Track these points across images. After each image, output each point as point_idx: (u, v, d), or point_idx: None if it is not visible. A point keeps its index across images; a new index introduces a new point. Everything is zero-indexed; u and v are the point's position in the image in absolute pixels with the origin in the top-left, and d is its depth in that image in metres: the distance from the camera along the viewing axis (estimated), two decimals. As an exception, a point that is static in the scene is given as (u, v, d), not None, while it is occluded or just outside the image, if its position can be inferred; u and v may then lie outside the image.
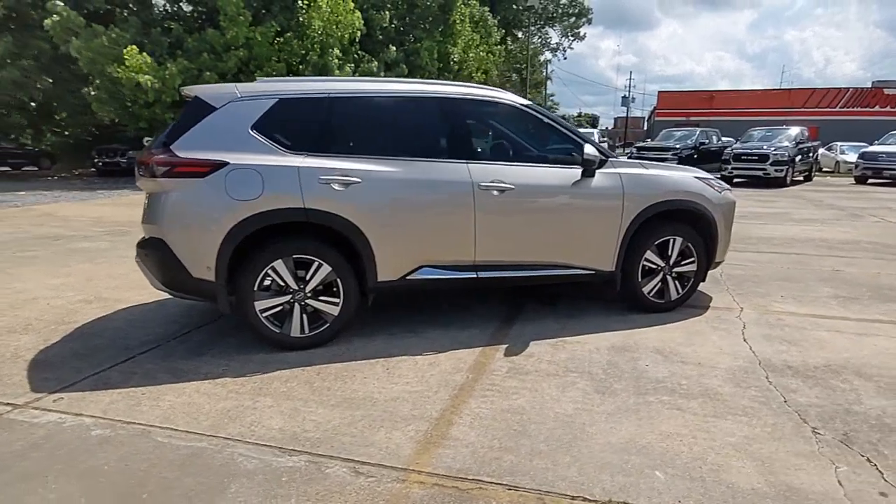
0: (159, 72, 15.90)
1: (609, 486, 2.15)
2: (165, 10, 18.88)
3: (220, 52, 17.22)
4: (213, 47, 17.24)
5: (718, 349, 3.52)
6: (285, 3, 18.06)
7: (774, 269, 5.71)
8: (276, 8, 18.25)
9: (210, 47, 17.21)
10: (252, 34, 16.68)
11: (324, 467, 2.31)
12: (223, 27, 17.20)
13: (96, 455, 2.40)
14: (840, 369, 3.21)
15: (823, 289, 4.92)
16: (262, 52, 16.99)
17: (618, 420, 2.66)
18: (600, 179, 3.90)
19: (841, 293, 4.79)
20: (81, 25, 17.05)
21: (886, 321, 4.06)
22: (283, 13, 18.05)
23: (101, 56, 16.55)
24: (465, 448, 2.44)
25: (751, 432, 2.54)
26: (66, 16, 16.87)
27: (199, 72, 16.94)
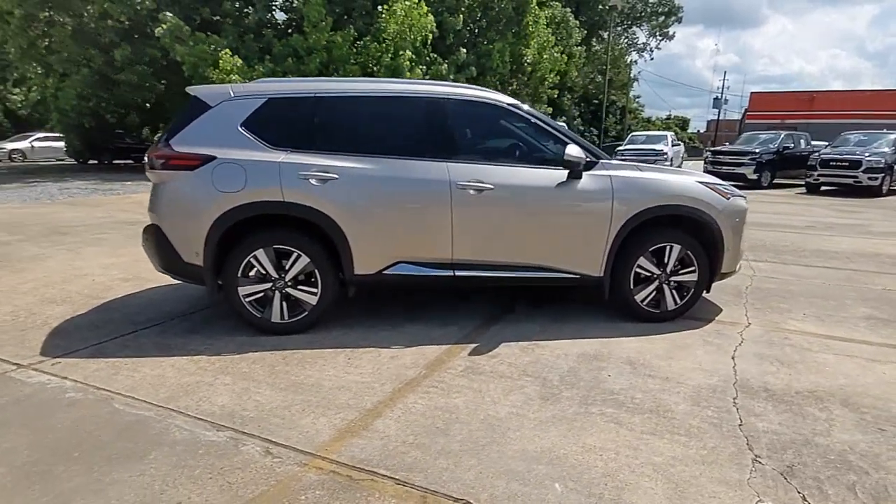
0: (247, 74, 16.92)
1: (498, 493, 2.07)
2: (259, 19, 20.03)
3: (303, 55, 18.06)
4: (296, 51, 18.12)
5: (697, 365, 3.25)
6: (365, 8, 18.66)
7: (815, 284, 5.16)
8: (357, 13, 18.91)
9: (294, 51, 18.11)
10: (332, 39, 17.34)
11: (241, 444, 2.39)
12: (306, 32, 18.04)
13: (57, 415, 2.63)
14: (826, 397, 2.86)
15: (859, 309, 4.39)
16: (341, 55, 17.61)
17: (546, 428, 2.54)
18: (588, 182, 3.72)
19: (878, 315, 4.25)
20: (187, 33, 18.54)
21: (916, 349, 3.57)
22: (362, 18, 18.67)
23: (201, 60, 17.89)
24: (379, 440, 2.43)
25: (682, 454, 2.33)
26: (174, 24, 18.40)
27: (283, 74, 17.84)
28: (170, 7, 20.04)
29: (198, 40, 18.20)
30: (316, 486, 2.12)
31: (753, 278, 5.31)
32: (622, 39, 40.45)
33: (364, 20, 18.75)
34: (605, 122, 43.07)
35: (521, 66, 20.91)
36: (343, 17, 19.28)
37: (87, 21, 21.07)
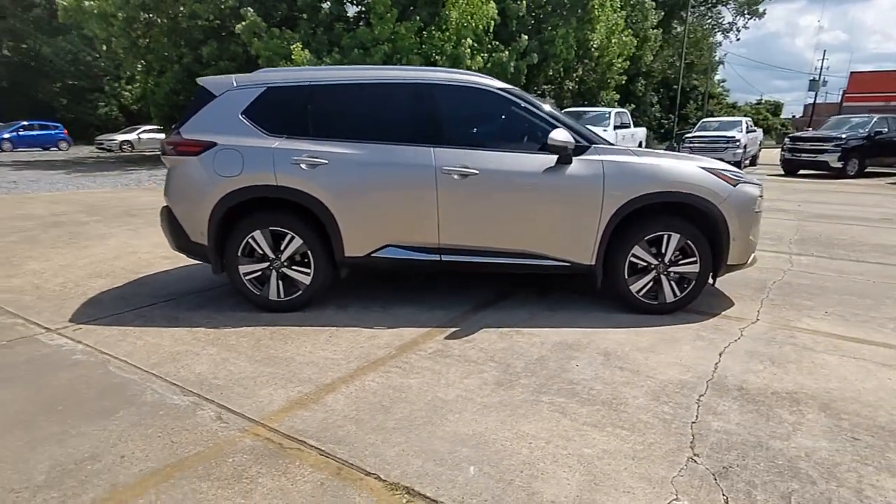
0: (316, 66, 17.50)
1: (410, 471, 2.08)
2: (331, 13, 20.60)
3: (369, 47, 18.42)
4: (363, 43, 18.51)
5: (677, 360, 3.07)
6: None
7: (856, 281, 4.68)
8: (421, 3, 18.99)
9: (361, 43, 18.51)
10: (396, 30, 17.55)
11: (199, 409, 2.55)
12: (373, 24, 18.38)
13: (58, 374, 2.92)
14: (806, 399, 2.62)
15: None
16: (405, 45, 17.80)
17: (486, 413, 2.51)
18: (578, 167, 3.58)
19: None
20: (263, 28, 19.45)
21: (945, 354, 3.17)
22: (426, 8, 18.73)
23: (276, 54, 18.71)
24: (322, 413, 2.51)
25: (616, 447, 2.24)
26: (252, 21, 19.35)
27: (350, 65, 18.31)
28: (251, 4, 21.09)
29: (273, 35, 19.05)
30: (246, 450, 2.23)
31: (787, 273, 4.90)
32: (706, 20, 37.92)
33: (428, 10, 18.81)
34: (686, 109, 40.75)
35: (587, 52, 20.18)
36: (409, 8, 19.47)
37: (179, 21, 22.60)
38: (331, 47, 19.35)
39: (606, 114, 13.93)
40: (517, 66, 17.61)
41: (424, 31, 18.45)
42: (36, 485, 2.01)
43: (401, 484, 2.01)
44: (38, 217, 7.93)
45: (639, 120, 35.13)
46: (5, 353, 3.18)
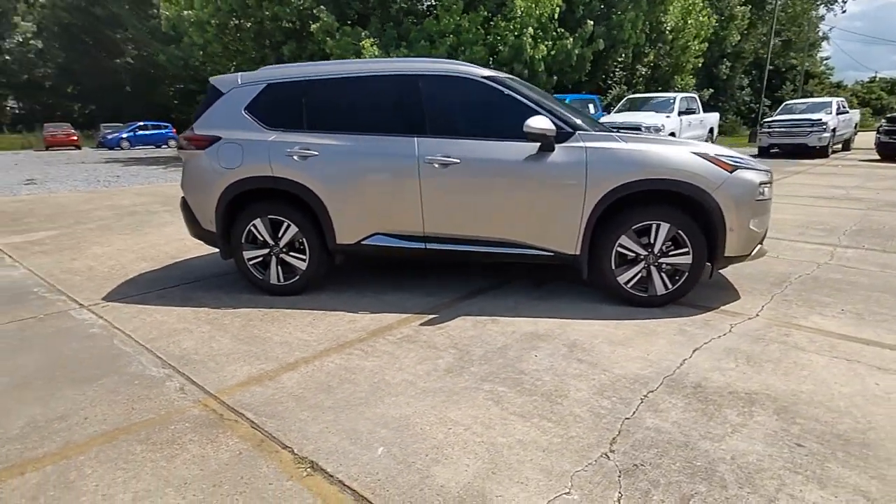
0: (384, 61, 17.88)
1: (324, 447, 2.16)
2: (401, 8, 20.91)
3: (435, 39, 18.53)
4: (430, 36, 18.66)
5: (644, 354, 2.91)
6: (497, -13, 18.47)
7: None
8: (489, -7, 18.80)
9: (427, 36, 18.67)
10: (461, 22, 17.52)
11: (168, 381, 2.77)
12: (438, 16, 18.47)
13: (70, 344, 3.27)
14: (765, 401, 2.41)
15: (934, 309, 3.49)
16: (469, 37, 17.73)
17: (422, 398, 2.53)
18: (561, 154, 3.46)
19: None
20: (336, 27, 20.13)
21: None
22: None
23: (346, 51, 19.30)
24: (272, 390, 2.64)
25: (532, 438, 2.18)
26: (326, 20, 20.08)
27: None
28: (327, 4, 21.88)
29: (345, 33, 19.67)
30: (190, 419, 2.40)
31: (821, 266, 4.45)
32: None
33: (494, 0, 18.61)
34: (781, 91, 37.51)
35: (660, 35, 19.08)
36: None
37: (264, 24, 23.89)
38: (399, 42, 19.69)
39: (671, 99, 13.12)
40: (582, 54, 17.01)
41: (492, 22, 18.30)
42: (8, 437, 2.29)
43: (308, 458, 2.09)
44: (121, 207, 8.78)
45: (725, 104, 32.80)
46: (38, 324, 3.60)
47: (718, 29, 24.97)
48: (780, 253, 4.88)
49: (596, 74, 19.22)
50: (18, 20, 42.13)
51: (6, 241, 6.33)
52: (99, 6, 40.12)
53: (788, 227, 5.90)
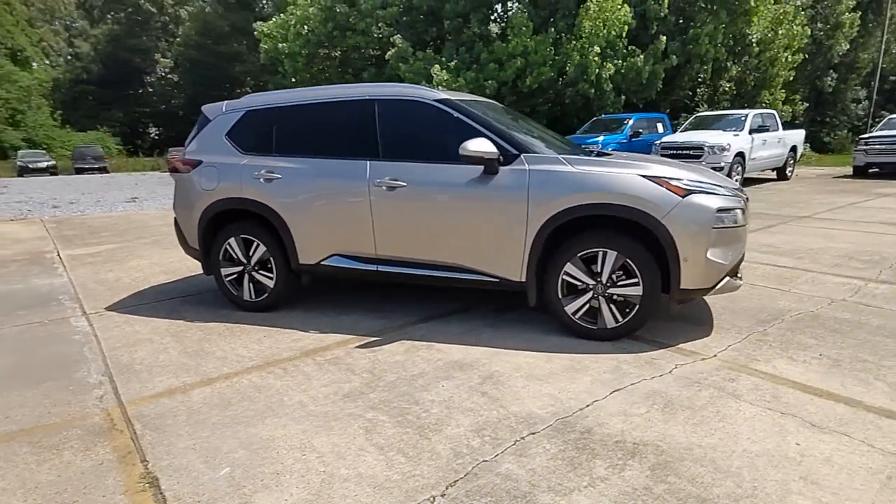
0: (450, 84, 18.23)
1: (177, 463, 2.22)
2: (473, 33, 21.25)
3: (504, 61, 18.61)
4: (499, 58, 18.76)
5: (556, 392, 2.70)
6: (568, 9, 18.25)
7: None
8: (560, 14, 18.62)
9: (497, 58, 18.78)
10: (527, 43, 17.47)
11: (97, 388, 2.96)
12: (508, 39, 18.55)
13: (49, 348, 3.60)
14: (649, 454, 2.14)
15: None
16: (536, 58, 17.63)
17: (302, 421, 2.52)
18: (504, 177, 3.34)
19: None
20: (410, 53, 20.85)
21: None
22: (564, 19, 18.32)
23: (418, 75, 19.91)
24: (177, 402, 2.75)
25: (374, 472, 2.10)
26: (400, 47, 20.87)
27: (485, 81, 18.68)
28: (405, 31, 22.78)
29: (417, 59, 20.32)
30: (85, 426, 2.56)
31: (833, 304, 3.89)
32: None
33: (566, 20, 18.39)
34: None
35: (745, 48, 17.79)
36: (548, 20, 19.24)
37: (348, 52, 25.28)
38: (470, 65, 19.99)
39: (741, 117, 12.14)
40: (653, 70, 16.27)
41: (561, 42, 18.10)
42: (-63, 429, 2.56)
43: (154, 474, 2.16)
44: (183, 223, 9.57)
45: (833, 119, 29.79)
46: (38, 329, 4.01)
47: (823, 38, 22.86)
48: (796, 286, 4.34)
49: (672, 92, 18.28)
50: (159, 57, 47.96)
51: (71, 252, 7.12)
52: (223, 45, 44.74)
53: (827, 257, 5.22)
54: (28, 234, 9.06)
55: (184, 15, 48.31)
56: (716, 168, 11.02)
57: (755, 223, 7.21)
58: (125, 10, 46.41)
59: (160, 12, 48.01)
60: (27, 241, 8.20)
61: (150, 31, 47.24)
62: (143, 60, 47.13)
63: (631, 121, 14.30)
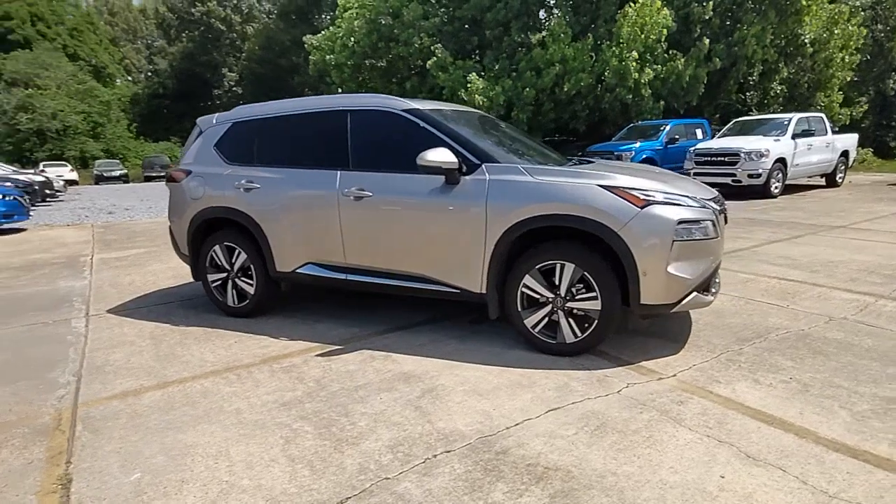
0: (487, 92, 18.17)
1: (96, 466, 2.27)
2: (513, 41, 21.10)
3: (542, 69, 18.38)
4: (537, 66, 18.55)
5: (490, 409, 2.59)
6: (609, 14, 17.84)
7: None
8: (601, 21, 18.23)
9: (535, 66, 18.58)
10: (565, 51, 17.18)
11: (63, 388, 3.08)
12: (547, 46, 18.32)
13: (41, 348, 3.79)
14: (556, 480, 2.00)
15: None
16: (575, 65, 17.31)
17: (231, 429, 2.52)
18: (464, 187, 3.26)
19: None
20: (450, 62, 20.95)
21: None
22: (605, 25, 17.92)
23: (456, 85, 19.97)
24: (125, 405, 2.82)
25: (274, 485, 2.08)
26: (440, 57, 21.00)
27: (522, 89, 18.50)
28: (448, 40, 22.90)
29: (457, 67, 20.38)
30: (34, 425, 2.65)
31: (830, 322, 3.57)
32: None
33: (607, 26, 17.99)
34: None
35: (797, 48, 16.79)
36: (590, 26, 18.89)
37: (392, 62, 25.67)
38: (510, 73, 19.86)
39: (784, 121, 11.43)
40: (695, 74, 15.62)
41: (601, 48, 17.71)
42: None
43: (70, 476, 2.21)
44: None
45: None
46: (40, 329, 4.24)
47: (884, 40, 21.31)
48: (797, 302, 4.01)
49: (717, 96, 17.50)
50: (226, 71, 50.49)
51: (104, 255, 7.53)
52: (283, 58, 46.69)
53: (845, 271, 4.81)
54: (75, 238, 9.67)
55: (250, 31, 50.68)
56: (752, 175, 10.45)
57: (781, 233, 6.76)
58: (199, 29, 49.18)
59: (229, 29, 50.55)
60: (71, 245, 8.74)
61: (219, 48, 49.79)
62: (213, 75, 49.69)
63: (667, 127, 13.80)
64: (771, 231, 6.98)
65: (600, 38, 17.87)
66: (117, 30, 56.97)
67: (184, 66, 48.35)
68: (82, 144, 38.31)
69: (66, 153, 36.78)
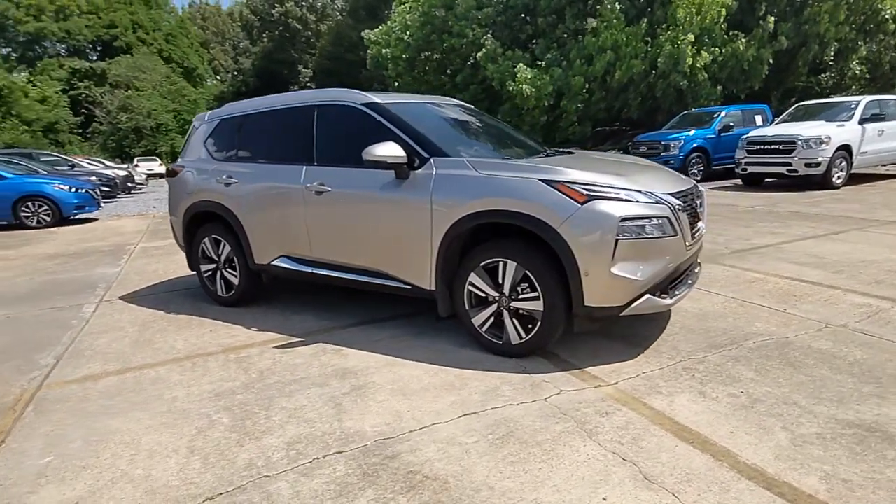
0: (535, 82, 17.70)
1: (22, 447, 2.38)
2: (567, 28, 20.39)
3: (593, 56, 17.66)
4: (588, 54, 17.84)
5: (407, 410, 2.49)
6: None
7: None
8: (657, 4, 17.23)
9: (586, 54, 17.88)
10: (617, 37, 16.40)
11: (39, 370, 3.28)
12: (599, 32, 17.57)
13: (45, 331, 4.06)
14: (426, 490, 1.89)
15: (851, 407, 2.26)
16: (628, 52, 16.50)
17: (159, 417, 2.58)
18: (413, 182, 3.15)
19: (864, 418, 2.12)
20: (500, 53, 20.58)
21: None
22: (661, 9, 16.93)
23: (503, 76, 19.60)
24: (81, 389, 2.96)
25: (155, 475, 2.09)
26: (490, 48, 20.67)
27: (573, 78, 17.86)
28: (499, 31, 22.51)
29: (507, 58, 19.99)
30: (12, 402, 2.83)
31: (823, 329, 3.16)
32: None
33: (663, 9, 16.98)
34: None
35: (878, 26, 15.08)
36: (645, 10, 17.91)
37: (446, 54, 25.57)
38: (560, 62, 19.23)
39: (852, 104, 10.29)
40: (758, 56, 14.41)
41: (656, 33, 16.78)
42: None
43: (-3, 453, 2.34)
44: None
45: None
46: (53, 313, 4.54)
47: None
48: (797, 306, 3.59)
49: (785, 80, 16.09)
50: (301, 68, 52.54)
51: (146, 245, 8.01)
52: (352, 53, 47.98)
53: (874, 272, 4.25)
54: (133, 227, 10.36)
55: (323, 29, 52.32)
56: (810, 164, 9.53)
57: (821, 229, 6.11)
58: (278, 29, 51.43)
59: (304, 28, 52.47)
60: (126, 234, 9.37)
61: (296, 46, 51.82)
62: (289, 72, 51.79)
63: (722, 114, 12.87)
64: (811, 226, 6.33)
65: (656, 23, 16.90)
66: (208, 33, 60.44)
67: (263, 65, 50.64)
68: (172, 140, 41.11)
69: (158, 149, 39.68)
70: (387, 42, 27.20)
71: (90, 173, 16.74)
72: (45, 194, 10.94)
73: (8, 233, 10.26)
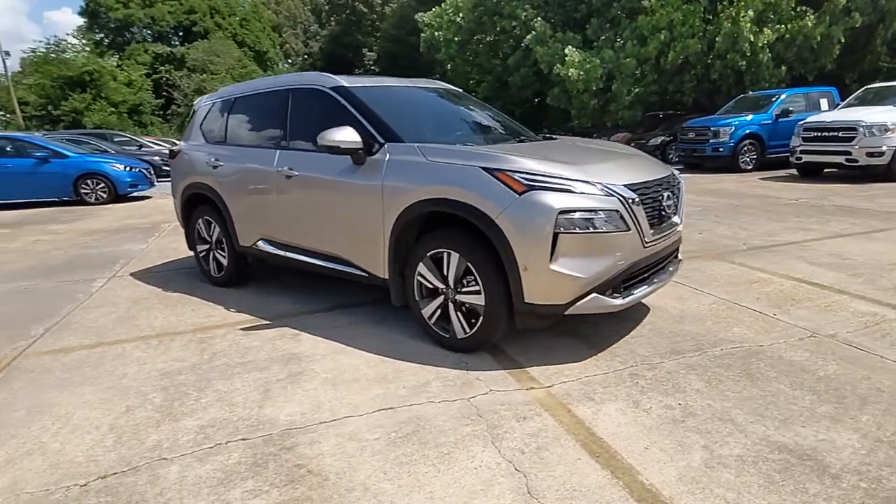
0: (583, 66, 17.04)
1: (-26, 411, 2.54)
2: (623, 6, 19.43)
3: (646, 37, 16.78)
4: (641, 34, 16.97)
5: (329, 400, 2.45)
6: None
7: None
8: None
9: (639, 34, 17.01)
10: (676, 15, 15.45)
11: (26, 340, 3.49)
12: (654, 11, 16.66)
13: (51, 303, 4.31)
14: (307, 486, 1.85)
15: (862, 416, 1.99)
16: (684, 31, 15.55)
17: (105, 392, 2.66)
18: (367, 169, 3.07)
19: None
20: (549, 35, 19.93)
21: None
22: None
23: (552, 58, 18.99)
24: (50, 361, 3.12)
25: (78, 451, 2.17)
26: (539, 31, 20.06)
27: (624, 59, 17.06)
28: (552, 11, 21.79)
29: (555, 41, 19.33)
30: (-20, 370, 3.04)
31: (806, 339, 2.84)
32: None
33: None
34: None
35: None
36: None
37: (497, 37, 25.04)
38: (612, 43, 18.40)
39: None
40: (828, 34, 13.16)
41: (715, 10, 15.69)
42: None
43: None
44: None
45: None
46: (66, 286, 4.81)
47: None
48: (790, 312, 3.24)
49: (861, 60, 14.65)
50: (366, 51, 53.36)
51: (179, 224, 8.36)
52: (413, 36, 48.19)
53: (895, 277, 3.80)
54: (176, 207, 10.86)
55: (388, 12, 52.73)
56: (873, 154, 8.66)
57: (861, 226, 5.53)
58: (345, 12, 52.37)
59: (370, 11, 53.10)
60: (168, 213, 9.81)
61: (361, 29, 52.61)
62: (354, 55, 52.67)
63: (782, 96, 11.88)
64: (852, 222, 5.74)
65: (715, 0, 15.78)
66: (281, 17, 62.16)
67: (331, 48, 51.74)
68: (239, 123, 42.70)
69: (228, 130, 41.35)
70: (439, 24, 26.95)
71: (154, 153, 17.68)
72: (102, 172, 11.65)
73: (69, 208, 11.03)
